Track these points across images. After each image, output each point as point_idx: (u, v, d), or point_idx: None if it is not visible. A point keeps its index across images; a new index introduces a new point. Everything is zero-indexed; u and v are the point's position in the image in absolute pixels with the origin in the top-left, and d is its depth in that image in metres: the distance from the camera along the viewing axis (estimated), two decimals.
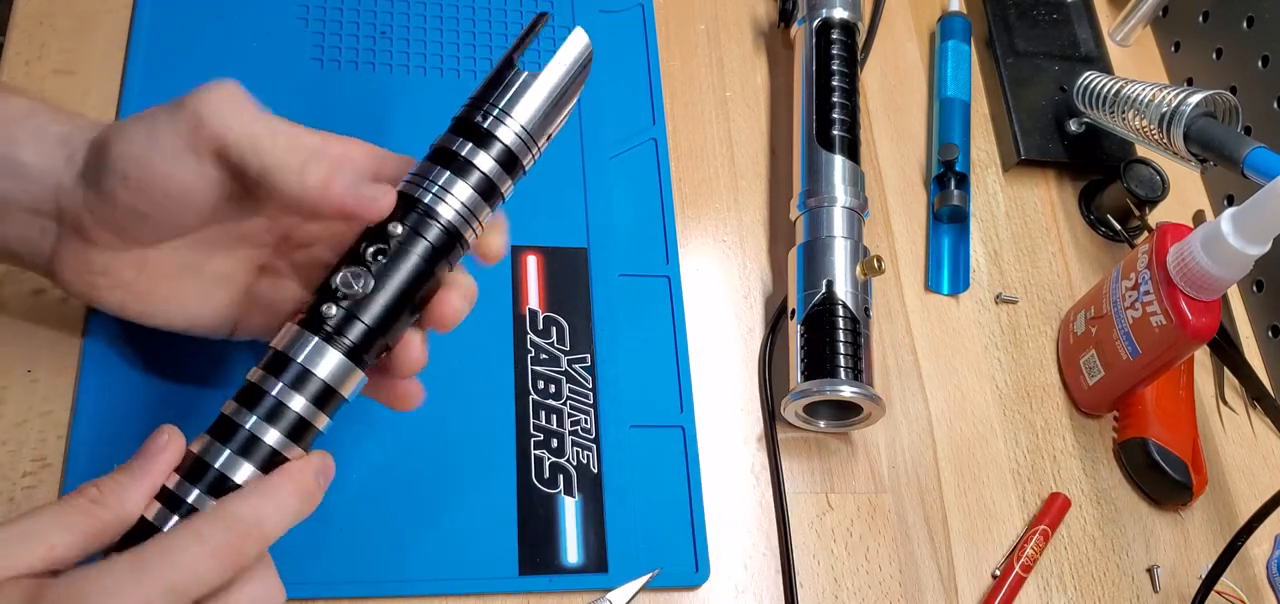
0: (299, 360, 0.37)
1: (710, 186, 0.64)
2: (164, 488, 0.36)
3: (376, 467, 0.50)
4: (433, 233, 0.39)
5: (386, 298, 0.38)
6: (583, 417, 0.53)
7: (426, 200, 0.39)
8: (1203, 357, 0.65)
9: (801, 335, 0.55)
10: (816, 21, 0.64)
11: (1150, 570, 0.58)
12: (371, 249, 0.38)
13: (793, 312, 0.56)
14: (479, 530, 0.50)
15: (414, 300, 0.39)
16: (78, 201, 0.38)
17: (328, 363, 0.37)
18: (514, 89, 0.40)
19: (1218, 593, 0.54)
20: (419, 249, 0.39)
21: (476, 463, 0.51)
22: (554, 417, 0.53)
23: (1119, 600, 0.56)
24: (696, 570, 0.51)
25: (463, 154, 0.40)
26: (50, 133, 0.39)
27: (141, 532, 0.35)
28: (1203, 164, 0.59)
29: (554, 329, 0.55)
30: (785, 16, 0.68)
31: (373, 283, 0.38)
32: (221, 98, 0.37)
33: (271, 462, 0.37)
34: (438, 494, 0.50)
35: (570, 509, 0.51)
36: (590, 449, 0.53)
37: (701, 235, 0.62)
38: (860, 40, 0.67)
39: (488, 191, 0.40)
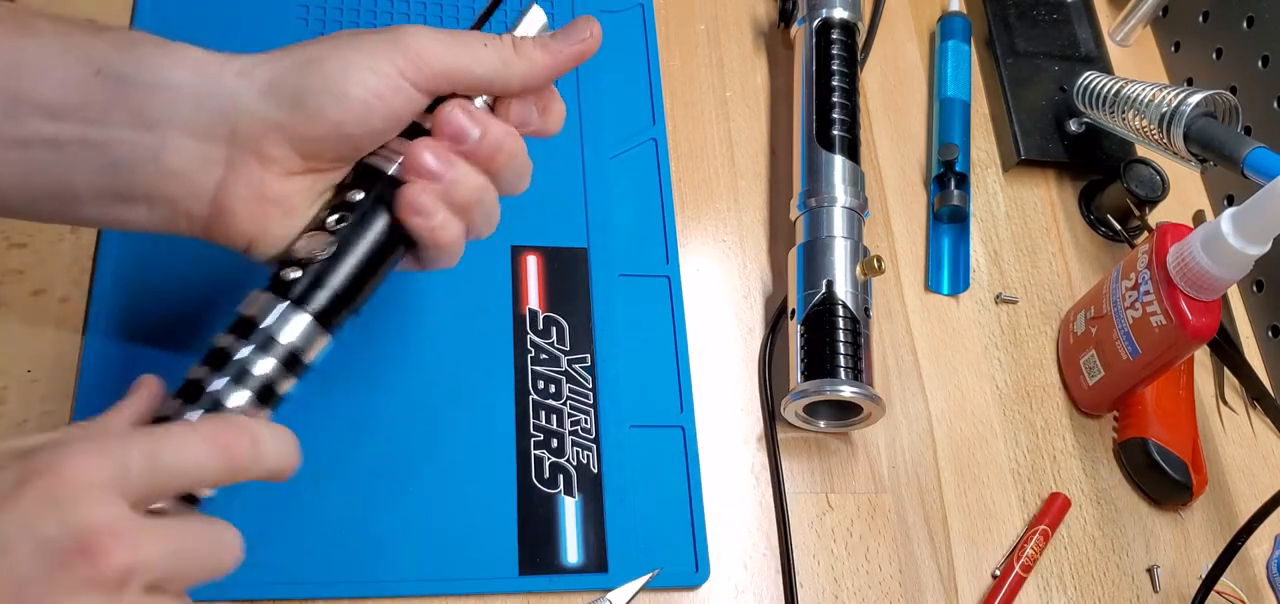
0: (264, 325, 0.37)
1: (710, 186, 0.64)
2: None
3: (376, 466, 0.50)
4: (390, 194, 0.39)
5: (351, 262, 0.39)
6: (583, 417, 0.53)
7: (390, 170, 0.40)
8: (1203, 357, 0.65)
9: (801, 335, 0.55)
10: (816, 21, 0.64)
11: (1150, 570, 0.58)
12: (333, 217, 0.39)
13: (793, 312, 0.56)
14: (479, 530, 0.50)
15: (380, 265, 0.40)
16: (264, 118, 0.38)
17: (294, 327, 0.38)
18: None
19: (1218, 593, 0.54)
20: (380, 215, 0.39)
21: (476, 463, 0.51)
22: (554, 417, 0.53)
23: (1119, 600, 0.56)
24: (696, 570, 0.52)
25: (422, 125, 0.40)
26: (191, 56, 0.38)
27: None
28: (1203, 164, 0.59)
29: (554, 329, 0.55)
30: (785, 16, 0.68)
31: (335, 248, 0.38)
32: (428, 35, 0.39)
33: None
34: (438, 494, 0.50)
35: (570, 509, 0.51)
36: (590, 449, 0.53)
37: (701, 235, 0.62)
38: (860, 40, 0.67)
39: None
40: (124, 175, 0.38)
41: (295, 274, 0.38)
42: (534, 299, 0.56)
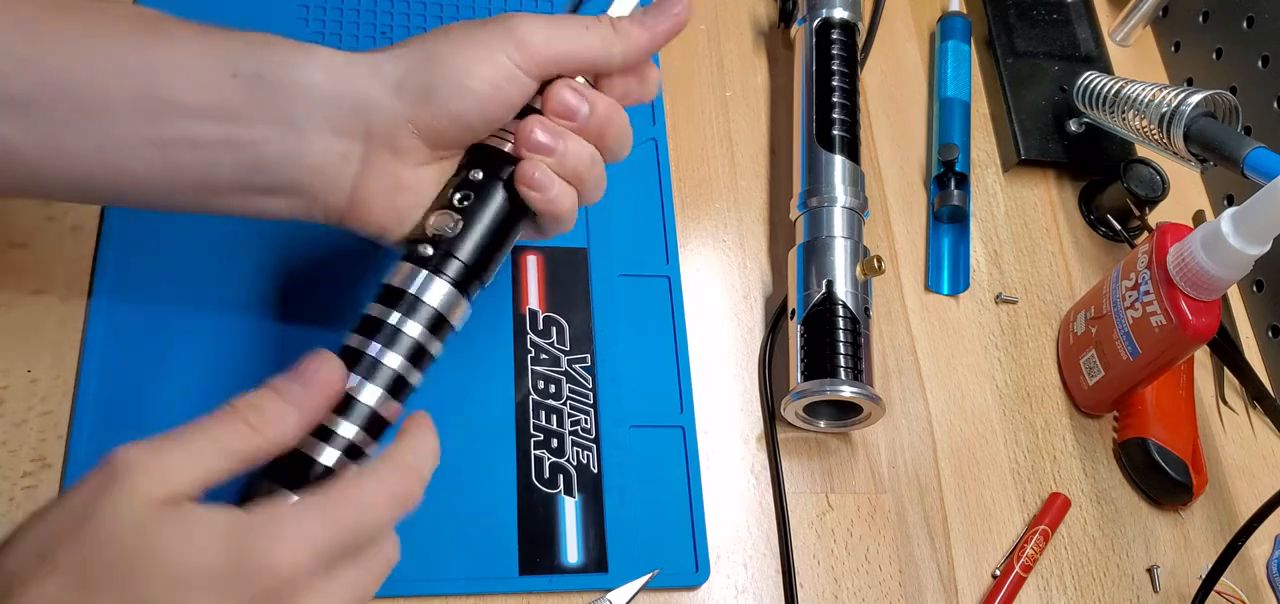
0: (412, 291, 0.40)
1: (710, 186, 0.64)
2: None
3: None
4: (508, 172, 0.42)
5: (478, 234, 0.41)
6: (583, 417, 0.53)
7: (505, 148, 0.42)
8: (1203, 357, 0.65)
9: (801, 335, 0.55)
10: (816, 21, 0.64)
11: (1150, 570, 0.58)
12: (458, 195, 0.42)
13: (793, 311, 0.56)
14: (479, 530, 0.50)
15: (505, 235, 0.42)
16: (396, 114, 0.40)
17: (437, 292, 0.40)
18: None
19: (1218, 593, 0.54)
20: (498, 189, 0.42)
21: (476, 463, 0.51)
22: (554, 417, 0.53)
23: (1119, 600, 0.56)
24: (696, 570, 0.52)
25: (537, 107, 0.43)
26: (322, 56, 0.40)
27: (297, 462, 0.37)
28: (1203, 164, 0.59)
29: (554, 329, 0.55)
30: (785, 16, 0.68)
31: (462, 225, 0.41)
32: (534, 24, 0.41)
33: (395, 384, 0.39)
34: (437, 494, 0.50)
35: (570, 509, 0.51)
36: (590, 449, 0.53)
37: (701, 235, 0.62)
38: (860, 40, 0.67)
39: None
40: (267, 171, 0.40)
41: (429, 251, 0.41)
42: (534, 299, 0.56)
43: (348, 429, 0.38)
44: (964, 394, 0.60)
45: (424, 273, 0.40)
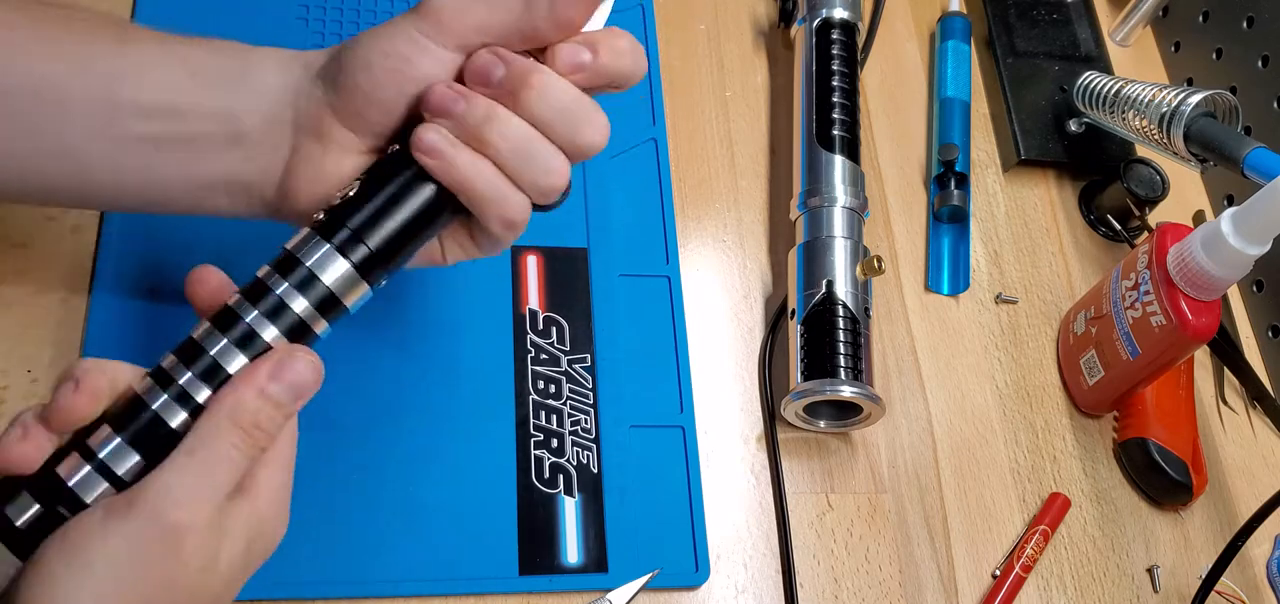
0: (307, 264, 0.37)
1: (710, 186, 0.64)
2: (159, 367, 0.37)
3: (376, 466, 0.50)
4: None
5: (375, 203, 0.38)
6: (583, 417, 0.53)
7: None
8: (1203, 357, 0.65)
9: (801, 335, 0.55)
10: (816, 21, 0.64)
11: (1150, 570, 0.58)
12: (368, 169, 0.40)
13: (793, 312, 0.56)
14: (479, 530, 0.50)
15: (417, 220, 0.39)
16: (317, 99, 0.40)
17: (334, 270, 0.38)
18: None
19: (1218, 593, 0.54)
20: (411, 167, 0.39)
21: (476, 463, 0.51)
22: (554, 417, 0.53)
23: (1119, 600, 0.56)
24: (696, 570, 0.52)
25: None
26: (274, 58, 0.41)
27: (135, 407, 0.36)
28: (1203, 164, 0.59)
29: (554, 329, 0.55)
30: (785, 16, 0.68)
31: (366, 199, 0.38)
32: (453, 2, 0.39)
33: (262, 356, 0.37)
34: (438, 494, 0.50)
35: (570, 509, 0.51)
36: (590, 449, 0.53)
37: (701, 235, 0.62)
38: (860, 40, 0.67)
39: None
40: (208, 166, 0.41)
41: (319, 215, 0.39)
42: (534, 299, 0.56)
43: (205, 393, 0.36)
44: (964, 394, 0.60)
45: (325, 246, 0.37)
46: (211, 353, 0.36)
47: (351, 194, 0.39)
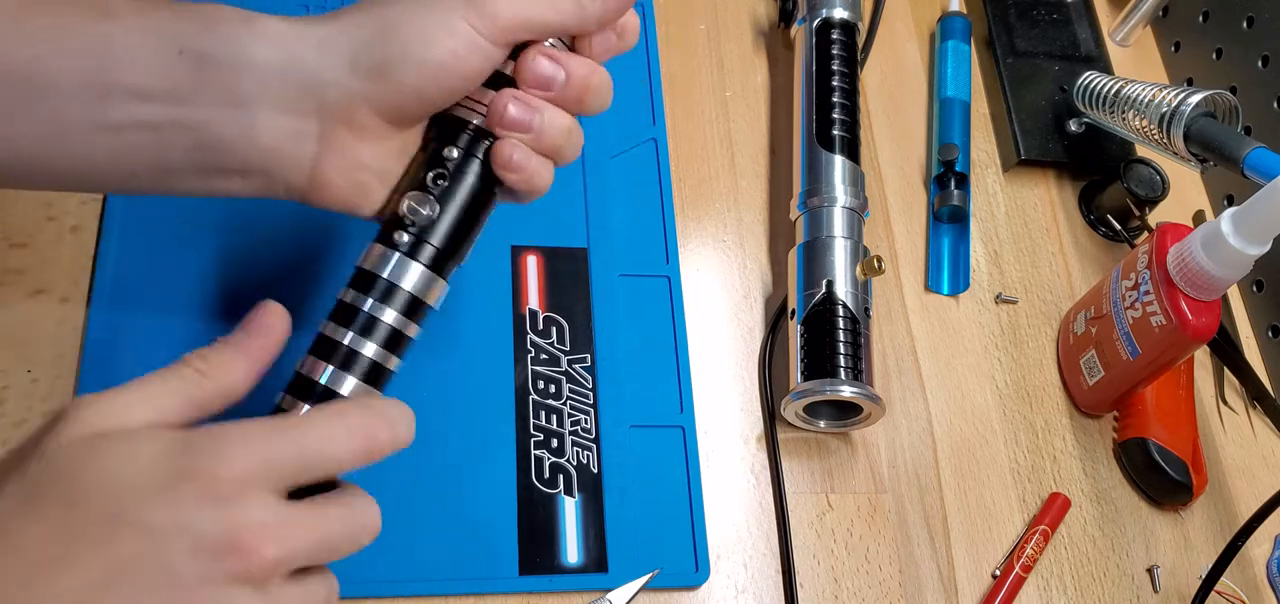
0: (385, 276, 0.39)
1: (710, 186, 0.64)
2: (276, 405, 0.38)
3: (376, 466, 0.50)
4: (483, 149, 0.40)
5: (453, 215, 0.40)
6: (583, 417, 0.53)
7: (475, 122, 0.40)
8: (1203, 357, 0.65)
9: (801, 335, 0.55)
10: (816, 21, 0.64)
11: (1150, 570, 0.58)
12: (432, 174, 0.40)
13: (793, 312, 0.56)
14: (479, 530, 0.50)
15: (479, 214, 0.41)
16: (351, 92, 0.38)
17: (413, 276, 0.39)
18: None
19: (1218, 593, 0.54)
20: (474, 168, 0.40)
21: (476, 463, 0.51)
22: (554, 417, 0.53)
23: (1119, 600, 0.56)
24: (696, 570, 0.52)
25: (505, 75, 0.40)
26: (271, 29, 0.38)
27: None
28: (1203, 164, 0.59)
29: (554, 329, 0.55)
30: (785, 16, 0.68)
31: (438, 208, 0.39)
32: None
33: (372, 373, 0.39)
34: (438, 494, 0.50)
35: (570, 509, 0.51)
36: (590, 449, 0.53)
37: (701, 235, 0.62)
38: (860, 40, 0.67)
39: None
40: (219, 152, 0.39)
41: (403, 236, 0.39)
42: (534, 299, 0.56)
43: None
44: (964, 394, 0.60)
45: (397, 255, 0.39)
46: (322, 382, 0.38)
47: (436, 215, 0.39)
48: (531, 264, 0.57)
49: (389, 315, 0.39)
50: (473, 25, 0.38)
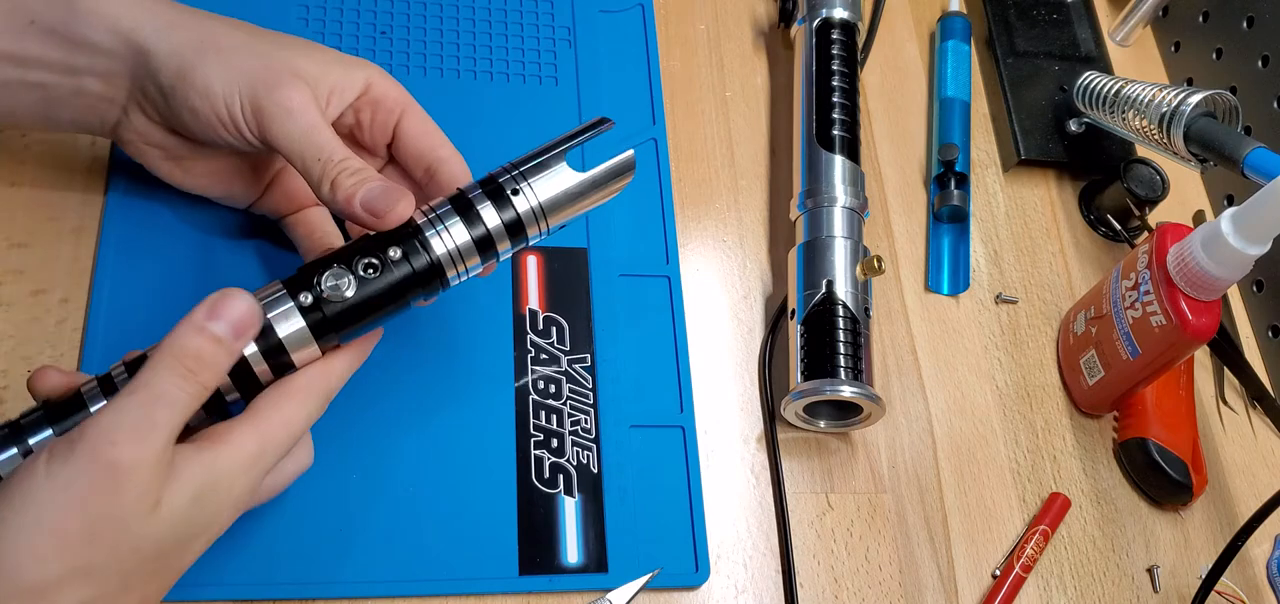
0: (271, 319, 0.40)
1: (710, 186, 0.64)
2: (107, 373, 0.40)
3: (376, 466, 0.50)
4: (419, 262, 0.42)
5: (358, 303, 0.41)
6: (583, 417, 0.53)
7: (426, 233, 0.42)
8: (1203, 357, 0.65)
9: (801, 335, 0.55)
10: (816, 21, 0.64)
11: (1150, 570, 0.58)
12: (365, 262, 0.41)
13: (793, 312, 0.56)
14: (479, 530, 0.50)
15: (380, 312, 0.42)
16: (155, 86, 0.44)
17: (289, 327, 0.40)
18: (547, 170, 0.43)
19: (1218, 593, 0.54)
20: (402, 273, 0.42)
21: (476, 463, 0.51)
22: (554, 417, 0.53)
23: (1119, 600, 0.56)
24: (696, 570, 0.52)
25: (475, 204, 0.43)
26: (116, 9, 0.43)
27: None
28: (1203, 164, 0.59)
29: (554, 329, 0.55)
30: (785, 16, 0.68)
31: (354, 290, 0.41)
32: (291, 105, 0.42)
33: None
34: (438, 494, 0.50)
35: (570, 509, 0.51)
36: (590, 449, 0.53)
37: (701, 235, 0.62)
38: (860, 40, 0.67)
39: (484, 244, 0.43)
40: (54, 109, 0.45)
41: (309, 300, 0.40)
42: (534, 299, 0.56)
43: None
44: (964, 394, 0.60)
45: (290, 303, 0.40)
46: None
47: (345, 304, 0.41)
48: (531, 264, 0.57)
49: (249, 348, 0.39)
50: (246, 114, 0.43)
